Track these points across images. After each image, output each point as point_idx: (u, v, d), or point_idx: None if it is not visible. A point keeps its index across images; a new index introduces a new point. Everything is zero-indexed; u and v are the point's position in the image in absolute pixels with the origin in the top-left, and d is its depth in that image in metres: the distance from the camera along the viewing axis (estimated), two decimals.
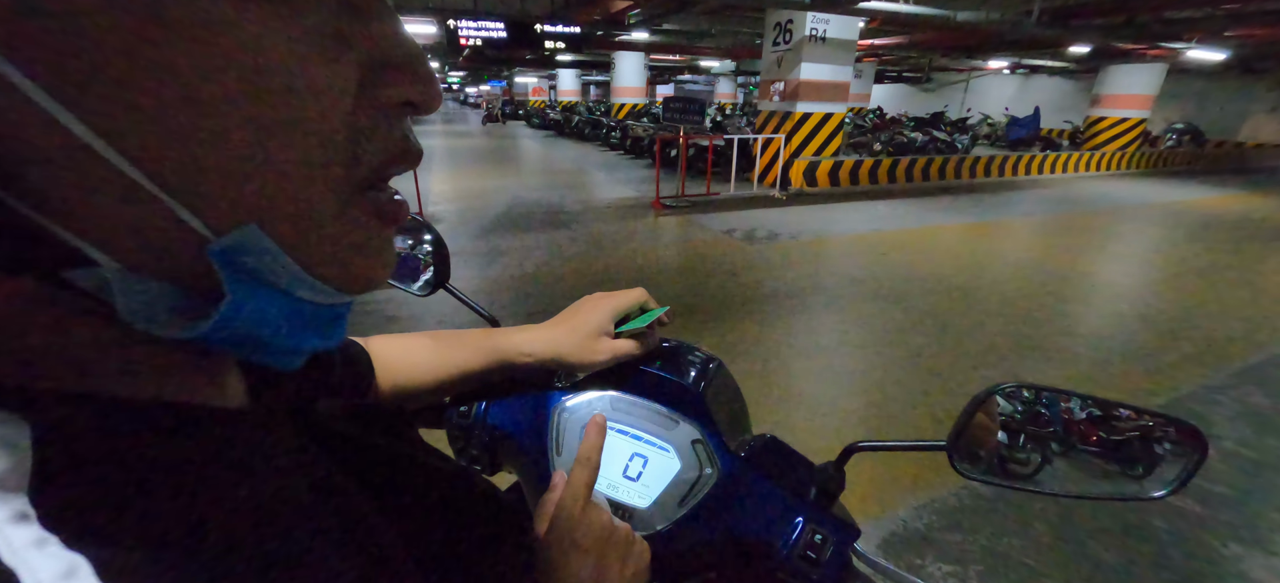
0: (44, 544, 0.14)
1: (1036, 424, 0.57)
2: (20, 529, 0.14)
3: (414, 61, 0.21)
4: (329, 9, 0.19)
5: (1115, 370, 3.09)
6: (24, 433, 0.16)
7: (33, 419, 0.16)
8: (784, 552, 0.48)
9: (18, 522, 0.14)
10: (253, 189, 0.18)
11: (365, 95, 0.20)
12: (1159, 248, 5.86)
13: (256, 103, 0.17)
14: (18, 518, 0.14)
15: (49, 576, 0.14)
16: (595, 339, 0.53)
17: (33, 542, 0.14)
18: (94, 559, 0.15)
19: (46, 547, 0.14)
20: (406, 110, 0.22)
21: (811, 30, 7.42)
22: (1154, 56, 11.23)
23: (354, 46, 0.19)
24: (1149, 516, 2.01)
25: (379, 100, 0.20)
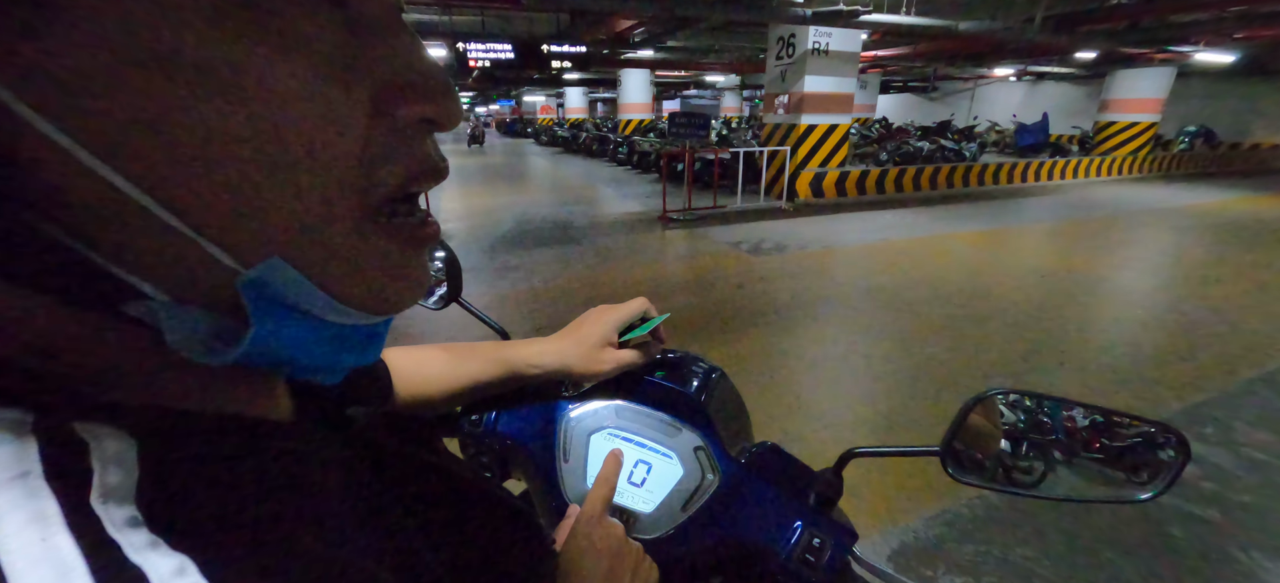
0: (156, 546, 0.16)
1: (1039, 432, 0.58)
2: (136, 533, 0.16)
3: (430, 80, 0.21)
4: (336, 37, 0.19)
5: (1131, 377, 3.05)
6: (131, 447, 0.18)
7: (137, 435, 0.18)
8: (784, 556, 0.49)
9: (134, 527, 0.16)
10: (272, 223, 0.19)
11: (380, 118, 0.20)
12: (1173, 252, 5.79)
13: (267, 141, 0.18)
14: (133, 523, 0.16)
15: (166, 572, 0.15)
16: (600, 350, 0.56)
17: (147, 544, 0.16)
18: (197, 559, 0.16)
19: (158, 548, 0.16)
20: (426, 127, 0.22)
21: (814, 43, 7.49)
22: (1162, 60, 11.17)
23: (365, 71, 0.20)
24: (1168, 525, 1.97)
25: (395, 121, 0.21)
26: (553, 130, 20.13)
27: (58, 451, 0.16)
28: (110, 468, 0.17)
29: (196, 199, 0.17)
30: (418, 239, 0.23)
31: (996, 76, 18.33)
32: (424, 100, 0.21)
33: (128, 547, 0.15)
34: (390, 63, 0.21)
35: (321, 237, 0.20)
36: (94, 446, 0.17)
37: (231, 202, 0.18)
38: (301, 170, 0.19)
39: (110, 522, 0.16)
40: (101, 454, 0.17)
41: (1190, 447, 0.46)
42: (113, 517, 0.16)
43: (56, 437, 0.17)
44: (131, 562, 0.15)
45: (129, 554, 0.15)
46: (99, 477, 0.16)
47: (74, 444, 0.17)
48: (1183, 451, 0.47)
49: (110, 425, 0.18)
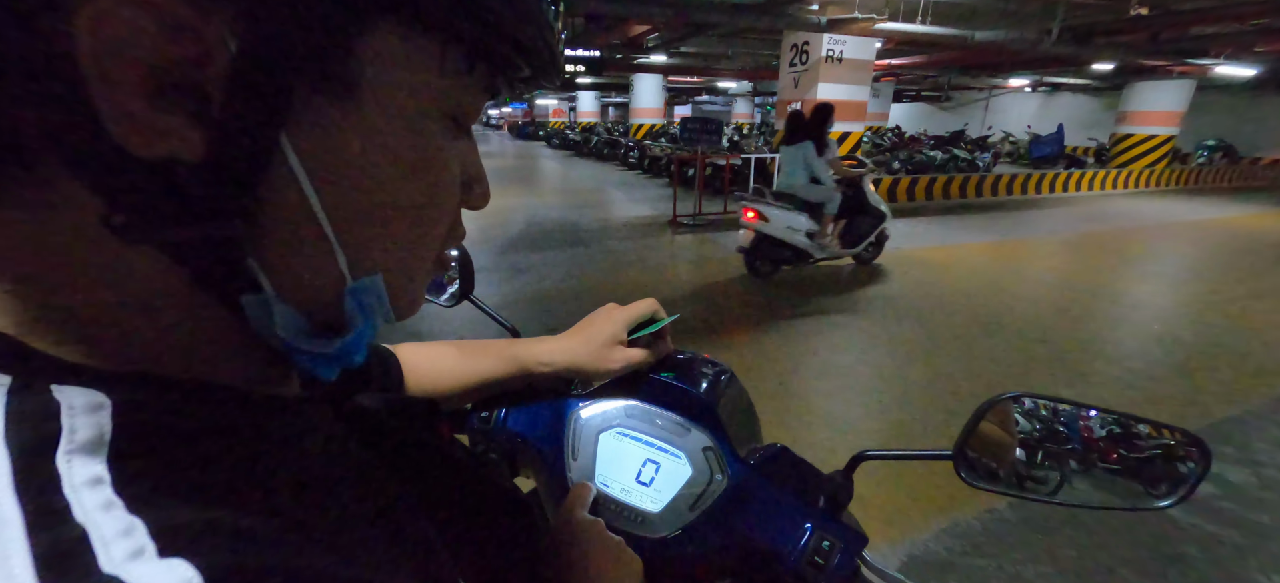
0: (111, 507, 0.16)
1: (1055, 441, 0.57)
2: (94, 492, 0.16)
3: (480, 174, 0.30)
4: (461, 144, 0.27)
5: (1148, 394, 3.00)
6: (106, 407, 0.19)
7: (117, 395, 0.19)
8: (792, 558, 0.49)
9: (94, 485, 0.17)
10: (390, 256, 0.25)
11: (462, 195, 0.29)
12: (1191, 267, 5.68)
13: (420, 210, 0.25)
14: (95, 482, 0.17)
15: (111, 533, 0.16)
16: (609, 348, 0.56)
17: (102, 504, 0.16)
18: (149, 520, 0.16)
19: (113, 509, 0.16)
20: (467, 205, 0.31)
21: (828, 51, 7.47)
22: (1181, 73, 11.01)
23: (460, 168, 0.28)
24: (1185, 544, 1.93)
25: (469, 199, 0.30)
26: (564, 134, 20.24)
27: (26, 409, 0.18)
28: (81, 426, 0.18)
29: (356, 232, 0.23)
30: (440, 266, 0.31)
31: (1011, 87, 18.17)
32: (477, 187, 0.30)
33: (77, 506, 0.16)
34: (467, 162, 0.29)
35: (412, 269, 0.27)
36: (65, 404, 0.18)
37: (378, 239, 0.24)
38: (425, 228, 0.26)
39: (70, 481, 0.16)
40: (72, 412, 0.18)
41: (1211, 454, 0.45)
42: (74, 476, 0.17)
43: (28, 398, 0.18)
44: (75, 522, 0.16)
45: (76, 514, 0.16)
46: (67, 434, 0.17)
47: (45, 405, 0.18)
48: (1203, 458, 0.46)
49: (89, 387, 0.19)
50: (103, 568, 0.15)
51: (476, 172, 0.30)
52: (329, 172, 0.21)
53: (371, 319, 0.26)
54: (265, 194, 0.20)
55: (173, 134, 0.18)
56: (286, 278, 0.23)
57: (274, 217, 0.21)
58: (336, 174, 0.21)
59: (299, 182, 0.21)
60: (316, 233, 0.22)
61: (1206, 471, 0.45)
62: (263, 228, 0.21)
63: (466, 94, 0.25)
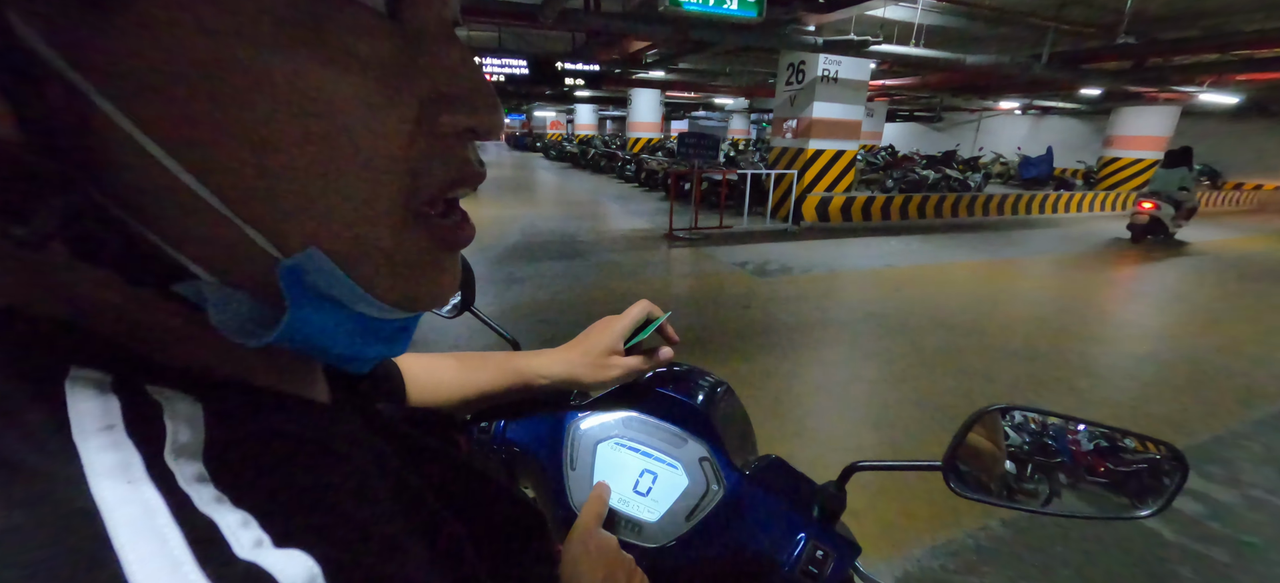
0: (221, 501, 0.17)
1: (1044, 454, 0.59)
2: (205, 487, 0.17)
3: (475, 92, 0.22)
4: (387, 48, 0.20)
5: (1136, 414, 3.03)
6: (198, 410, 0.19)
7: (203, 400, 0.19)
8: (786, 567, 0.50)
9: (202, 482, 0.17)
10: (315, 217, 0.20)
11: (425, 126, 0.21)
12: (1177, 288, 5.77)
13: (315, 144, 0.19)
14: (201, 478, 0.17)
15: (233, 523, 0.17)
16: (607, 358, 0.57)
17: (214, 498, 0.17)
18: (257, 515, 0.17)
19: (223, 503, 0.17)
20: (469, 136, 0.23)
21: (824, 71, 7.59)
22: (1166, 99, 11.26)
23: (414, 81, 0.21)
24: (1176, 564, 1.94)
25: (439, 129, 0.22)
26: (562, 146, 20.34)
27: (137, 408, 0.18)
28: (182, 428, 0.18)
29: (245, 190, 0.19)
30: (453, 241, 0.24)
31: (1002, 109, 18.48)
32: (468, 111, 0.22)
33: (197, 499, 0.17)
34: (438, 74, 0.22)
35: (361, 233, 0.21)
36: (166, 407, 0.18)
37: (278, 195, 0.19)
38: (347, 172, 0.20)
39: (182, 476, 0.17)
40: (174, 415, 0.18)
41: (1187, 464, 0.47)
42: (184, 472, 0.17)
43: (135, 396, 0.18)
44: (202, 513, 0.16)
45: (199, 506, 0.16)
46: (172, 435, 0.18)
47: (149, 404, 0.18)
48: (1181, 470, 0.48)
49: (180, 390, 0.19)
50: (237, 554, 0.16)
51: (457, 82, 0.22)
52: (161, 119, 0.17)
53: (343, 305, 0.22)
54: (115, 162, 0.17)
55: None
56: (213, 260, 0.20)
57: (143, 186, 0.18)
58: (165, 112, 0.17)
59: (130, 135, 0.17)
60: (194, 198, 0.18)
61: (1184, 481, 0.47)
62: (144, 202, 0.18)
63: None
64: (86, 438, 0.16)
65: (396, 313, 0.24)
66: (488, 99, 0.23)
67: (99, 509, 0.15)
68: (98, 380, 0.18)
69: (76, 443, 0.16)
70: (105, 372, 0.18)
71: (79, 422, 0.17)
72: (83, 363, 0.18)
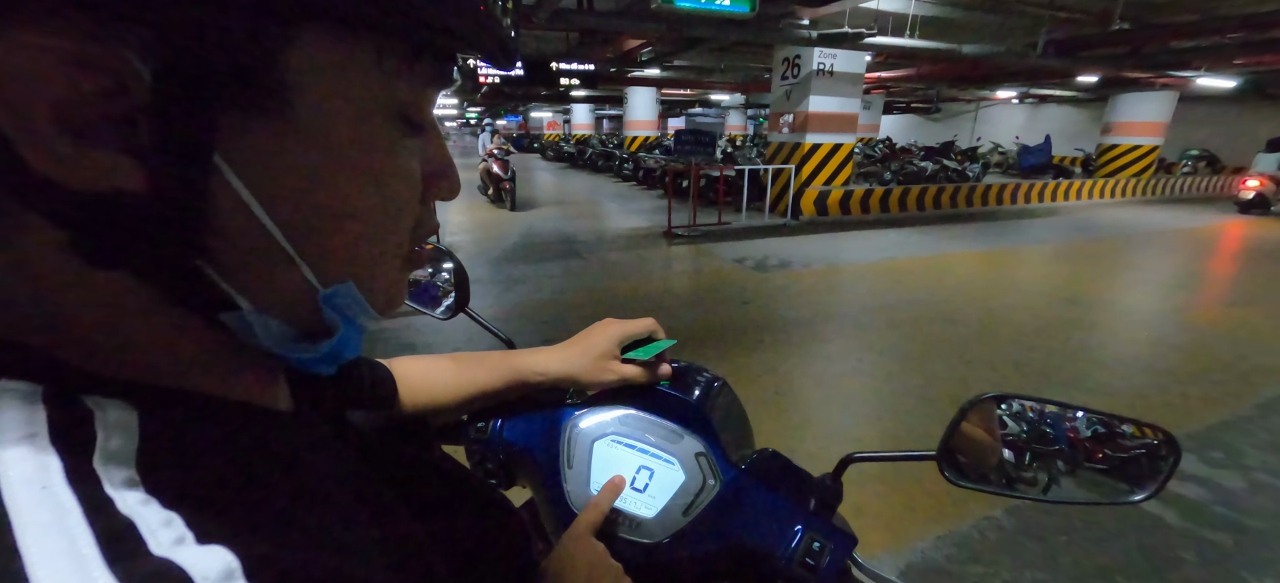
0: (148, 503, 0.18)
1: (1042, 442, 0.59)
2: (131, 492, 0.18)
3: (447, 168, 0.29)
4: (415, 146, 0.27)
5: (1138, 401, 3.03)
6: (133, 417, 0.20)
7: (140, 408, 0.20)
8: (784, 559, 0.50)
9: (130, 486, 0.18)
10: (355, 261, 0.25)
11: (423, 195, 0.28)
12: (1179, 274, 5.77)
13: (377, 212, 0.25)
14: (129, 483, 0.18)
15: (155, 523, 0.17)
16: (605, 361, 0.57)
17: (140, 501, 0.18)
18: (185, 515, 0.18)
19: (149, 504, 0.18)
20: (436, 198, 0.30)
21: (819, 65, 7.58)
22: (1163, 85, 11.23)
23: (421, 166, 0.27)
24: (1180, 549, 1.94)
25: (427, 197, 0.29)
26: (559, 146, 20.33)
27: (64, 417, 0.19)
28: (113, 435, 0.19)
29: (315, 244, 0.23)
30: (418, 262, 0.31)
31: (999, 99, 18.45)
32: (444, 182, 0.29)
33: (120, 502, 0.17)
34: (430, 160, 0.28)
35: (379, 269, 0.27)
36: (99, 415, 0.19)
37: (336, 245, 0.24)
38: (387, 230, 0.26)
39: (108, 481, 0.18)
40: (105, 422, 0.19)
41: (1180, 448, 0.47)
42: (112, 477, 0.18)
43: (64, 406, 0.19)
44: (121, 514, 0.17)
45: (120, 508, 0.17)
46: (102, 442, 0.19)
47: (80, 413, 0.19)
48: (1173, 454, 0.48)
49: (115, 398, 0.20)
50: (152, 551, 0.16)
51: (440, 165, 0.29)
52: (273, 187, 0.21)
53: (354, 320, 0.27)
54: (215, 216, 0.20)
55: (107, 168, 0.18)
56: (259, 293, 0.23)
57: (230, 237, 0.21)
58: (282, 188, 0.21)
59: (245, 201, 0.20)
60: (274, 248, 0.22)
61: (1176, 464, 0.47)
62: (222, 248, 0.21)
63: (412, 90, 0.25)
64: (5, 448, 0.17)
65: (376, 322, 0.29)
66: (452, 173, 0.30)
67: (8, 515, 0.16)
68: (27, 392, 0.19)
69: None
70: (37, 384, 0.19)
71: (0, 431, 0.18)
72: (14, 376, 0.19)
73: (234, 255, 0.22)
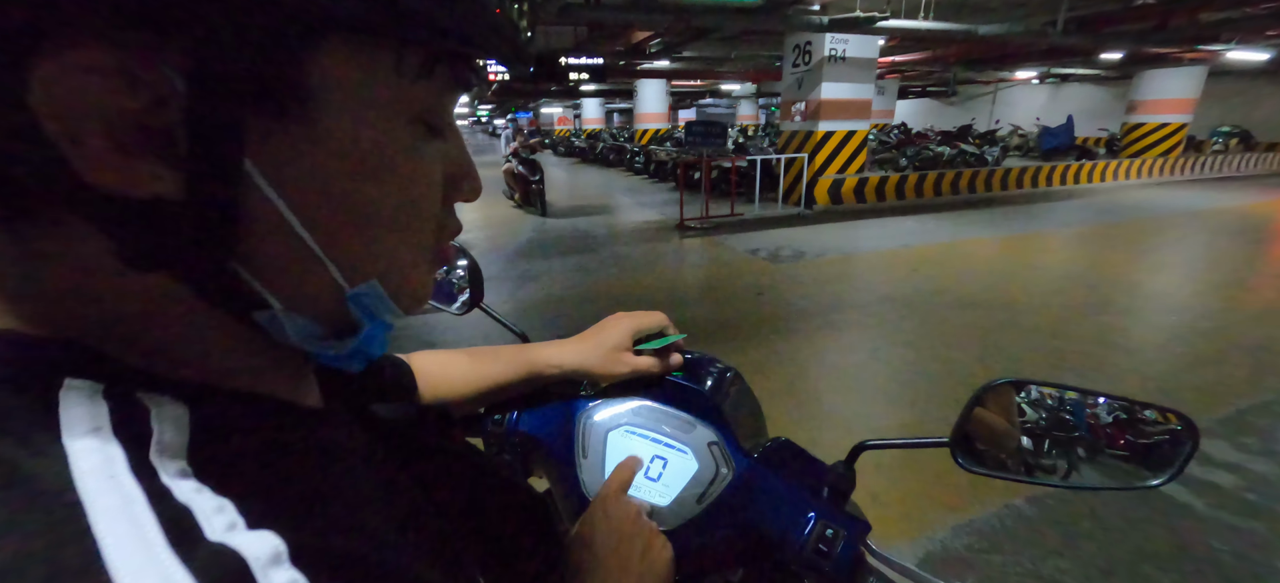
0: (201, 492, 0.19)
1: (1062, 429, 0.58)
2: (186, 482, 0.19)
3: (468, 170, 0.31)
4: (438, 150, 0.28)
5: (1166, 386, 2.95)
6: (185, 413, 0.22)
7: (189, 403, 0.22)
8: (797, 547, 0.50)
9: (184, 476, 0.19)
10: (381, 260, 0.26)
11: (444, 197, 0.29)
12: (1208, 256, 5.60)
13: (402, 213, 0.26)
14: (183, 474, 0.19)
15: (209, 509, 0.19)
16: (618, 353, 0.58)
17: (194, 490, 0.19)
18: (235, 503, 0.19)
19: (203, 493, 0.19)
20: (457, 200, 0.31)
21: (831, 50, 7.47)
22: (1192, 60, 10.86)
23: (444, 169, 0.28)
24: (1209, 537, 1.90)
25: (449, 199, 0.30)
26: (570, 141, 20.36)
27: (123, 411, 0.20)
28: (168, 428, 0.21)
29: (344, 246, 0.24)
30: (442, 260, 0.32)
31: (1018, 79, 18.00)
32: (465, 183, 0.31)
33: (177, 491, 0.19)
34: (452, 163, 0.29)
35: (404, 270, 0.28)
36: (155, 410, 0.21)
37: (364, 246, 0.25)
38: (412, 232, 0.27)
39: (165, 471, 0.19)
40: (160, 417, 0.21)
41: (1198, 432, 0.46)
42: (167, 468, 0.19)
43: (124, 402, 0.20)
44: (179, 502, 0.18)
45: (178, 497, 0.18)
46: (157, 435, 0.20)
47: (138, 409, 0.21)
48: (1192, 436, 0.47)
49: (168, 396, 0.22)
50: (208, 536, 0.18)
51: (462, 168, 0.30)
52: (301, 190, 0.22)
53: (379, 319, 0.28)
54: (247, 220, 0.21)
55: (148, 176, 0.19)
56: (289, 292, 0.24)
57: (261, 239, 0.22)
58: (309, 192, 0.22)
59: (274, 204, 0.22)
60: (303, 249, 0.23)
61: (1195, 449, 0.46)
62: (254, 250, 0.22)
63: (431, 95, 0.25)
64: (74, 439, 0.19)
65: (402, 319, 0.30)
66: (473, 177, 0.31)
67: (81, 501, 0.17)
68: (89, 389, 0.20)
69: (64, 444, 0.18)
70: (98, 382, 0.21)
71: (69, 426, 0.19)
72: (77, 374, 0.20)
73: (265, 257, 0.23)
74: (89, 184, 0.19)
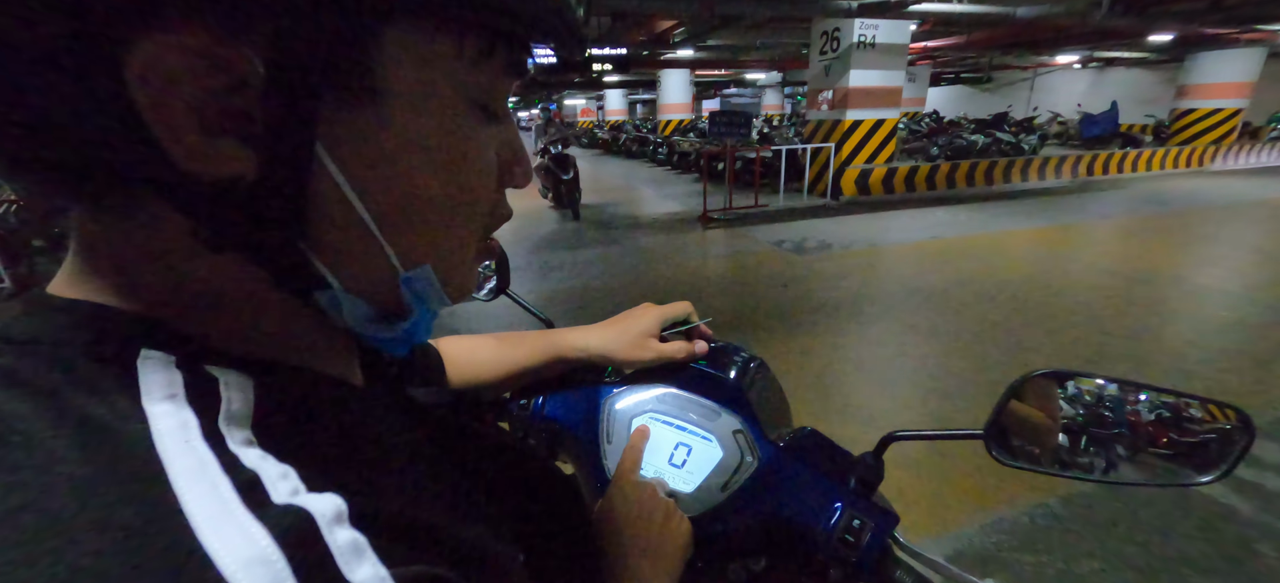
0: (265, 458, 0.20)
1: (1100, 425, 0.56)
2: (251, 449, 0.20)
3: (520, 155, 0.31)
4: (491, 135, 0.28)
5: (1212, 385, 2.82)
6: (249, 385, 0.23)
7: (253, 376, 0.23)
8: (823, 537, 0.50)
9: (249, 444, 0.20)
10: (434, 245, 0.27)
11: (498, 182, 0.30)
12: (1262, 249, 5.29)
13: (457, 198, 0.26)
14: (248, 442, 0.21)
15: (274, 475, 0.20)
16: (643, 340, 0.58)
17: (259, 457, 0.20)
18: (297, 469, 0.20)
19: (267, 460, 0.20)
20: (510, 184, 0.32)
21: (860, 36, 7.28)
22: (1249, 40, 10.23)
23: (497, 154, 0.29)
24: (1257, 542, 1.81)
25: (501, 184, 0.30)
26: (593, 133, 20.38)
27: (195, 381, 0.21)
28: (235, 398, 0.22)
29: (402, 229, 0.25)
30: (485, 251, 0.33)
31: (1058, 64, 17.25)
32: (518, 168, 0.31)
33: (244, 457, 0.20)
34: (506, 148, 0.30)
35: (456, 255, 0.29)
36: (222, 381, 0.22)
37: (420, 229, 0.26)
38: (466, 217, 0.28)
39: (232, 438, 0.20)
40: (227, 387, 0.22)
41: (1254, 428, 0.44)
42: (234, 435, 0.20)
43: (194, 372, 0.22)
44: (247, 467, 0.19)
45: (245, 462, 0.20)
46: (226, 404, 0.21)
47: (208, 379, 0.22)
48: (1247, 432, 0.45)
49: (234, 369, 0.23)
50: (275, 499, 0.19)
51: (515, 153, 0.30)
52: (365, 173, 0.23)
53: (427, 304, 0.29)
54: (315, 202, 0.22)
55: (228, 157, 0.20)
56: (348, 274, 0.25)
57: (326, 221, 0.23)
58: (372, 174, 0.23)
59: (340, 186, 0.22)
60: (364, 231, 0.24)
61: (1249, 446, 0.44)
62: (319, 231, 0.23)
63: (490, 79, 0.26)
64: (153, 404, 0.20)
65: (449, 305, 0.31)
66: (525, 162, 0.31)
67: (162, 461, 0.18)
68: (164, 359, 0.22)
69: (144, 407, 0.20)
70: (171, 353, 0.22)
71: (148, 391, 0.20)
72: (153, 346, 0.22)
73: (329, 239, 0.24)
74: (173, 164, 0.20)
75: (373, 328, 0.28)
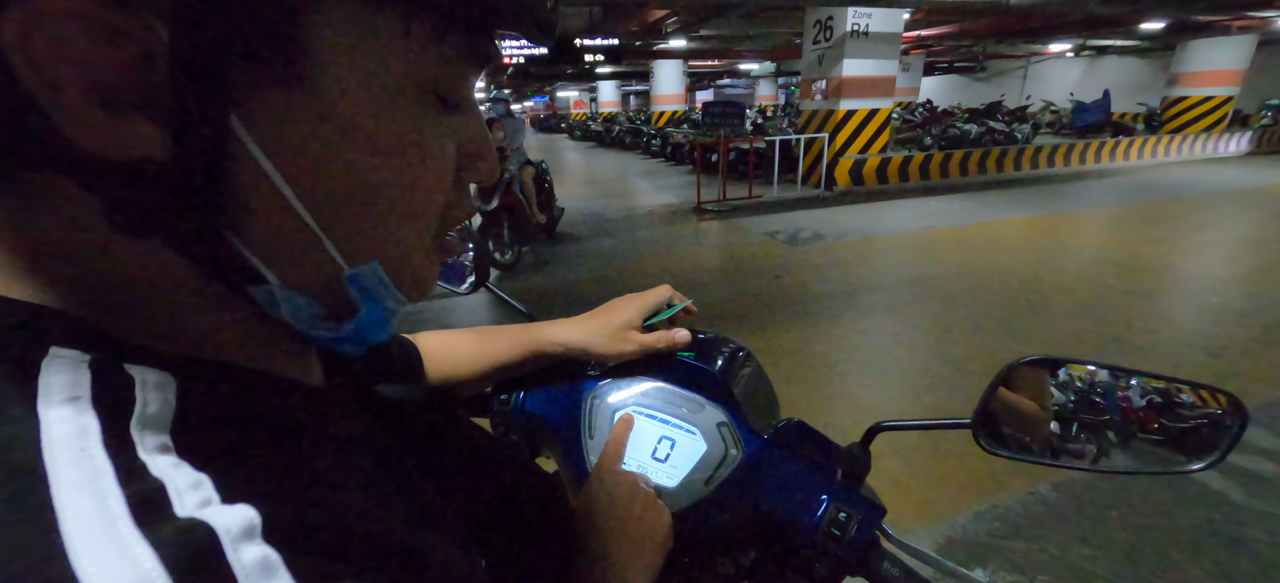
0: (179, 466, 0.18)
1: (1091, 412, 0.55)
2: (164, 456, 0.18)
3: (484, 149, 0.29)
4: (448, 126, 0.26)
5: (1203, 370, 2.84)
6: (171, 385, 0.21)
7: (179, 376, 0.21)
8: (810, 529, 0.49)
9: (162, 451, 0.19)
10: (381, 240, 0.25)
11: (454, 178, 0.27)
12: (1253, 237, 5.33)
13: (406, 190, 0.24)
14: (163, 448, 0.19)
15: (184, 485, 0.18)
16: (624, 332, 0.57)
17: (172, 465, 0.18)
18: (215, 478, 0.19)
19: (180, 468, 0.18)
20: (471, 180, 0.30)
21: (853, 25, 7.25)
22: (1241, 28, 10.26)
23: (455, 146, 0.27)
24: (1246, 526, 1.83)
25: (460, 180, 0.28)
26: (586, 125, 20.28)
27: (106, 382, 0.19)
28: (152, 401, 0.20)
29: (340, 220, 0.23)
30: (443, 248, 0.30)
31: (1051, 53, 17.28)
32: (480, 163, 0.29)
33: (153, 465, 0.18)
34: (465, 141, 0.28)
35: (406, 252, 0.27)
36: (139, 381, 0.20)
37: (363, 223, 0.24)
38: (414, 210, 0.26)
39: (143, 445, 0.18)
40: (144, 389, 0.20)
41: (1247, 413, 0.43)
42: (146, 442, 0.19)
43: (108, 372, 0.20)
44: (153, 476, 0.18)
45: (152, 470, 0.18)
46: (140, 408, 0.19)
47: (122, 380, 0.20)
48: (1239, 418, 0.44)
49: (158, 368, 0.21)
50: (177, 512, 0.17)
51: (477, 146, 0.28)
52: (296, 159, 0.21)
53: (380, 302, 0.27)
54: (238, 187, 0.21)
55: (134, 136, 0.18)
56: (287, 268, 0.23)
57: (255, 209, 0.21)
58: (305, 160, 0.21)
59: (266, 171, 0.21)
60: (299, 222, 0.22)
61: (1242, 432, 0.43)
62: (249, 221, 0.21)
63: (445, 65, 0.24)
64: (50, 408, 0.18)
65: (403, 305, 0.29)
66: (489, 157, 0.29)
67: (46, 470, 0.17)
68: (76, 359, 0.20)
69: (39, 412, 0.18)
70: (86, 352, 0.20)
71: (46, 393, 0.18)
72: (67, 343, 0.20)
73: (261, 229, 0.22)
74: (73, 143, 0.18)
75: (320, 326, 0.26)
